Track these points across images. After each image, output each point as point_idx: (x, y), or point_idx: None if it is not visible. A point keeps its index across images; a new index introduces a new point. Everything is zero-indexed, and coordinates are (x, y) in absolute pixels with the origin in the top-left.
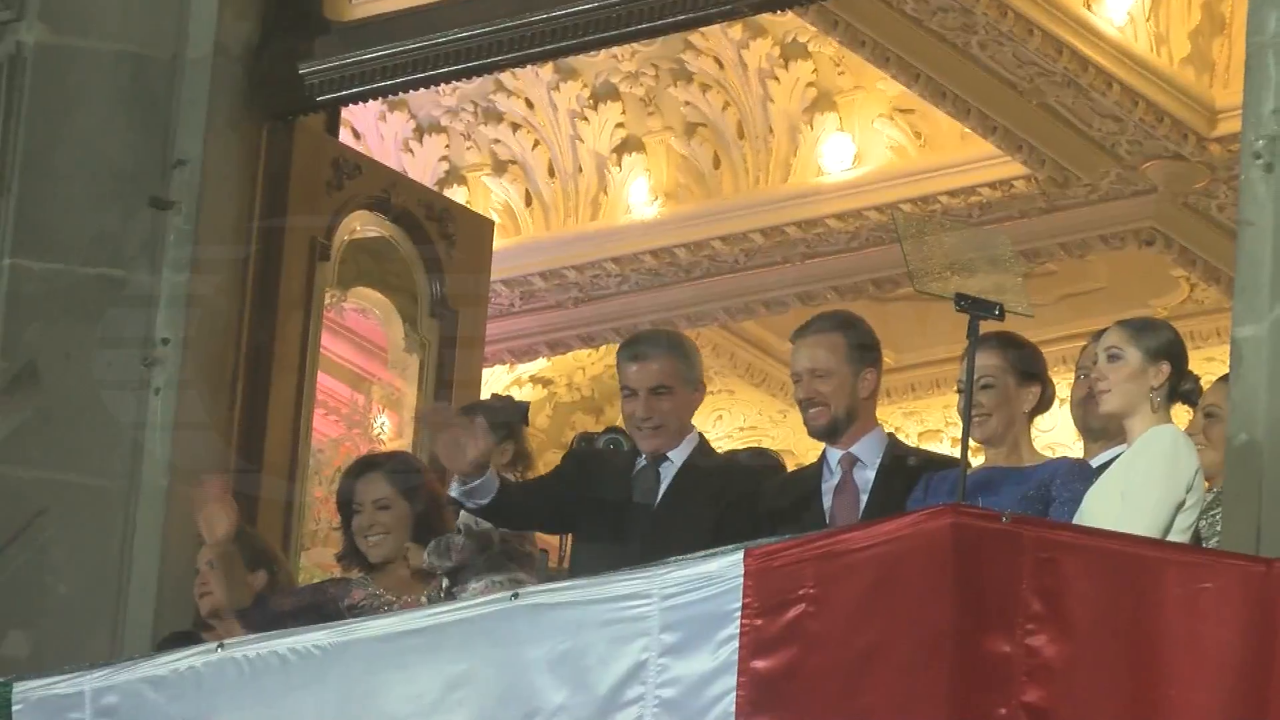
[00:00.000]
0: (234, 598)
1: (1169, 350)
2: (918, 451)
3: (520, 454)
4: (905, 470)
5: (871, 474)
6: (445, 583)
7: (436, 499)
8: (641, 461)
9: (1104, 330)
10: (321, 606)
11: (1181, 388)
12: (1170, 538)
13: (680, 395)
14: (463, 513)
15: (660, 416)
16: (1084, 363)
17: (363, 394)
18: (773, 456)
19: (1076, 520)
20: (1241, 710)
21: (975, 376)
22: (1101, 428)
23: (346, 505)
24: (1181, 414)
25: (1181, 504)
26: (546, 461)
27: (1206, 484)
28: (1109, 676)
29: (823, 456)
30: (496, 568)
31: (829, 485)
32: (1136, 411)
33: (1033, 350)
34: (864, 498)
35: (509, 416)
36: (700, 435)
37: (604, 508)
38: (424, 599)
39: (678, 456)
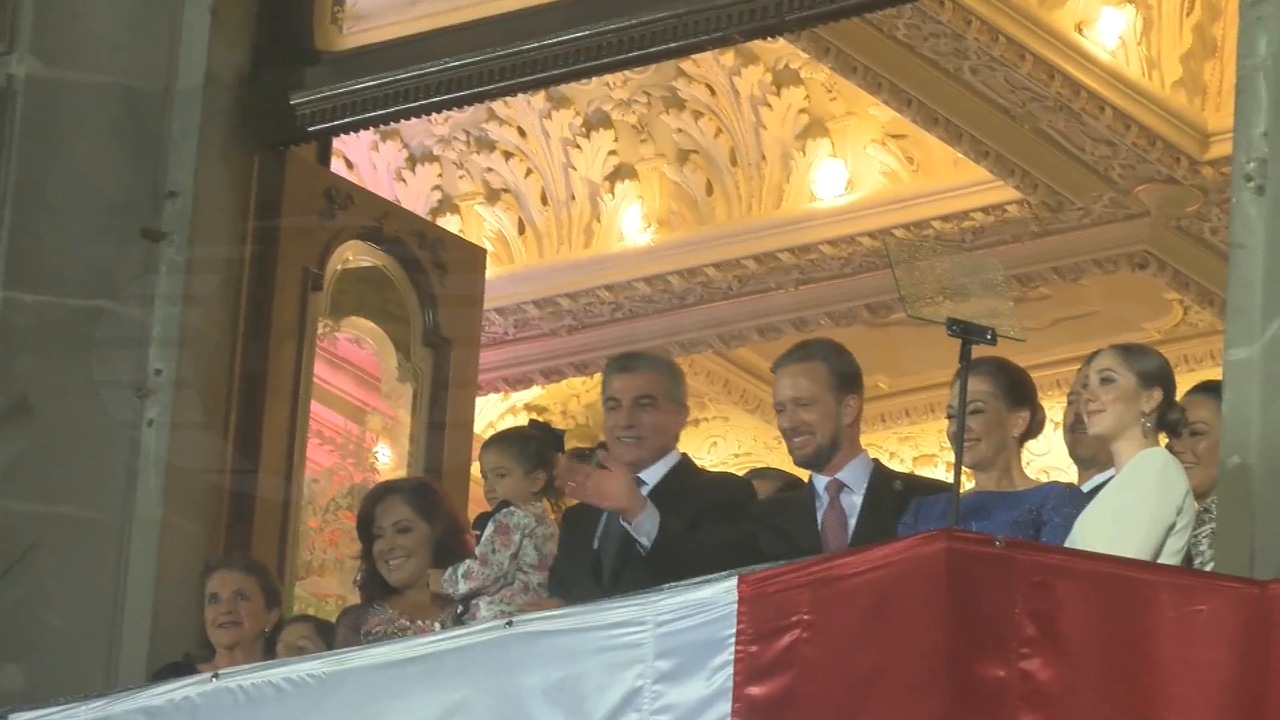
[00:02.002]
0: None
1: (1161, 376)
2: (903, 476)
3: (551, 482)
4: (892, 494)
5: (858, 499)
6: (459, 609)
7: (455, 523)
8: None
9: (1095, 353)
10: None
11: (1168, 416)
12: (1161, 560)
13: (664, 410)
14: (481, 539)
15: (641, 429)
16: (1075, 388)
17: (357, 424)
18: (772, 473)
19: (1068, 544)
20: None
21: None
22: (1090, 456)
23: (366, 530)
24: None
25: (1172, 526)
26: None
27: (1195, 503)
28: (1103, 699)
29: (810, 483)
30: (510, 596)
31: (818, 511)
32: (1126, 435)
33: (1022, 375)
34: (852, 522)
35: (542, 444)
36: (683, 456)
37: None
38: (437, 626)
39: (651, 477)
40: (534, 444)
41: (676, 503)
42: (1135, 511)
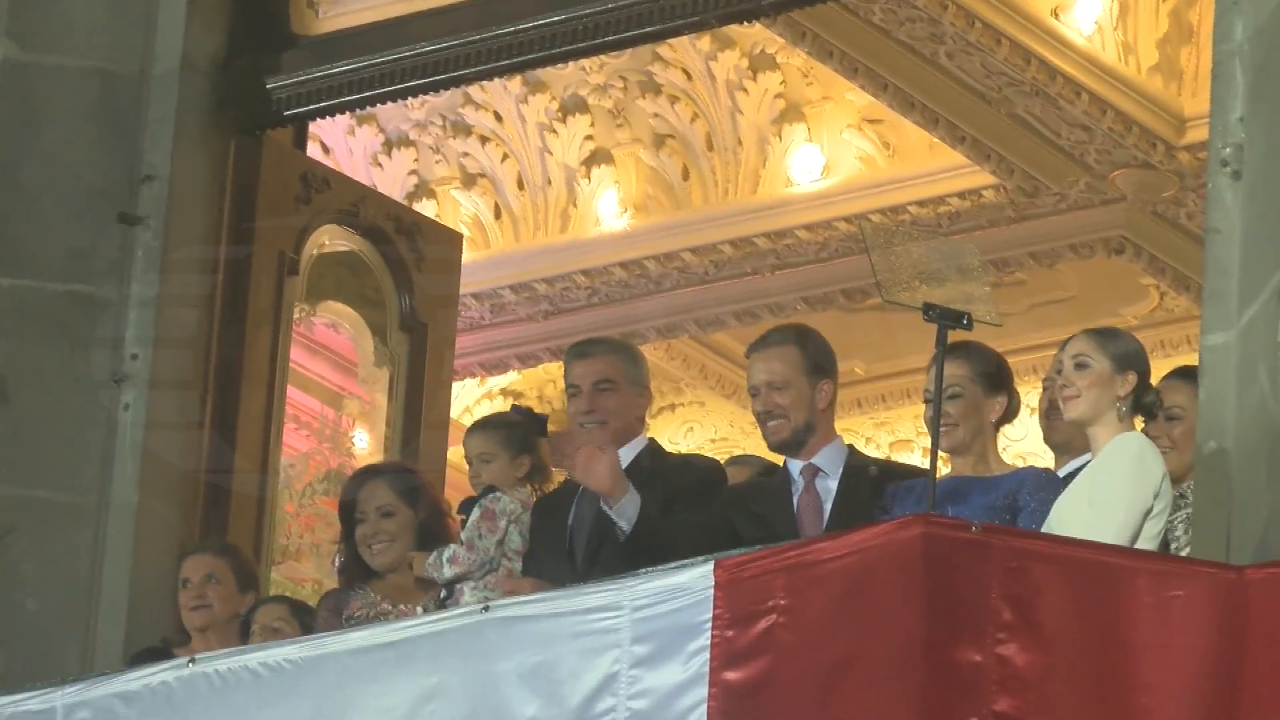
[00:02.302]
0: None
1: (1136, 360)
2: (878, 461)
3: (537, 467)
4: (868, 479)
5: (833, 484)
6: (443, 594)
7: (438, 507)
8: None
9: (1070, 339)
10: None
11: (1144, 399)
12: (1139, 545)
13: (625, 393)
14: (466, 524)
15: (603, 413)
16: (1050, 374)
17: (334, 409)
18: (750, 460)
19: (1045, 529)
20: (1212, 716)
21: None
22: (1065, 441)
23: (349, 514)
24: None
25: (1149, 510)
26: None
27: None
28: (1080, 685)
29: (784, 468)
30: (494, 583)
31: (793, 496)
32: (1101, 420)
33: (999, 360)
34: (827, 507)
35: (527, 430)
36: (651, 440)
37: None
38: (419, 610)
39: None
40: (519, 429)
41: (646, 485)
42: (1112, 496)
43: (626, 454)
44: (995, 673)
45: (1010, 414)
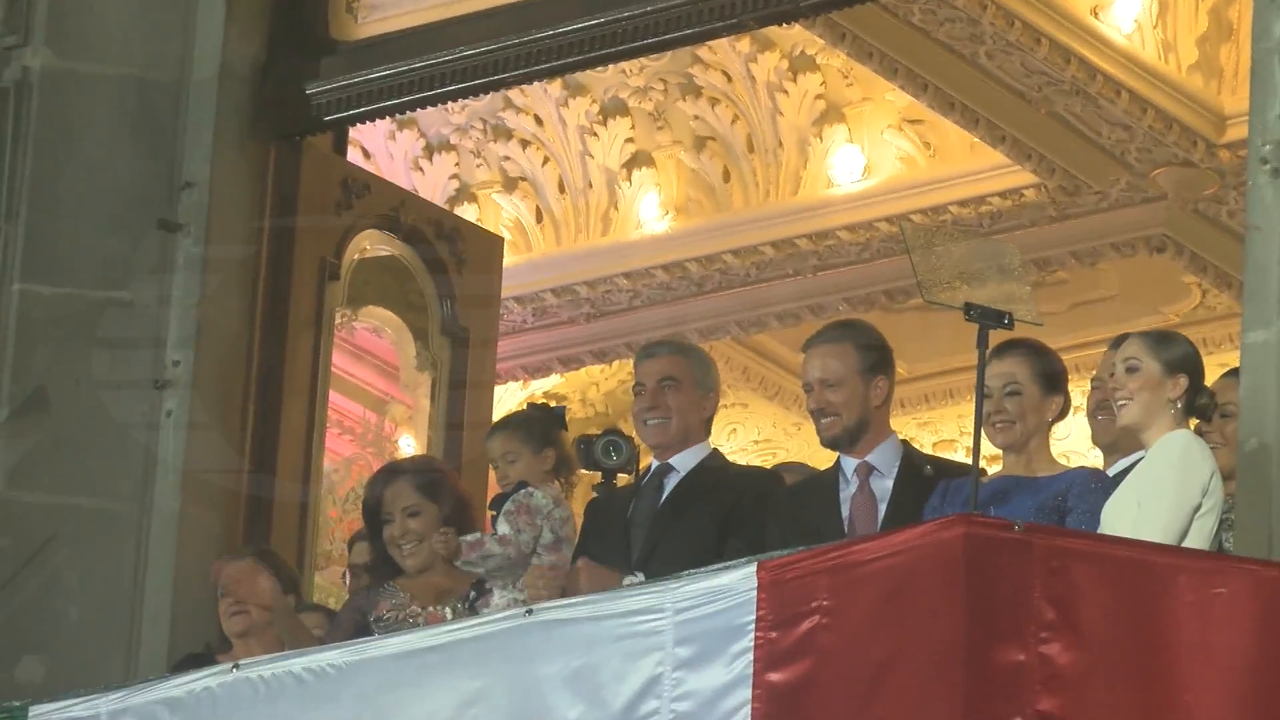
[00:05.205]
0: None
1: (1187, 363)
2: (934, 459)
3: (562, 460)
4: (922, 478)
5: (889, 483)
6: (472, 594)
7: (462, 498)
8: (652, 469)
9: (1122, 338)
10: (364, 629)
11: (1197, 402)
12: (1189, 543)
13: (688, 392)
14: (499, 519)
15: (665, 410)
16: (1100, 375)
17: (377, 414)
18: (797, 467)
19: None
20: (1255, 715)
21: (1002, 383)
22: (1113, 441)
23: (375, 515)
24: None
25: (1198, 508)
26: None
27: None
28: (1122, 683)
29: (837, 465)
30: (523, 583)
31: (845, 494)
32: (1155, 423)
33: (1058, 360)
34: (882, 507)
35: (546, 424)
36: (715, 450)
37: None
38: (447, 612)
39: (683, 464)
40: (538, 424)
41: (708, 495)
42: (1159, 495)
43: (689, 459)
44: (1038, 672)
45: (1063, 415)
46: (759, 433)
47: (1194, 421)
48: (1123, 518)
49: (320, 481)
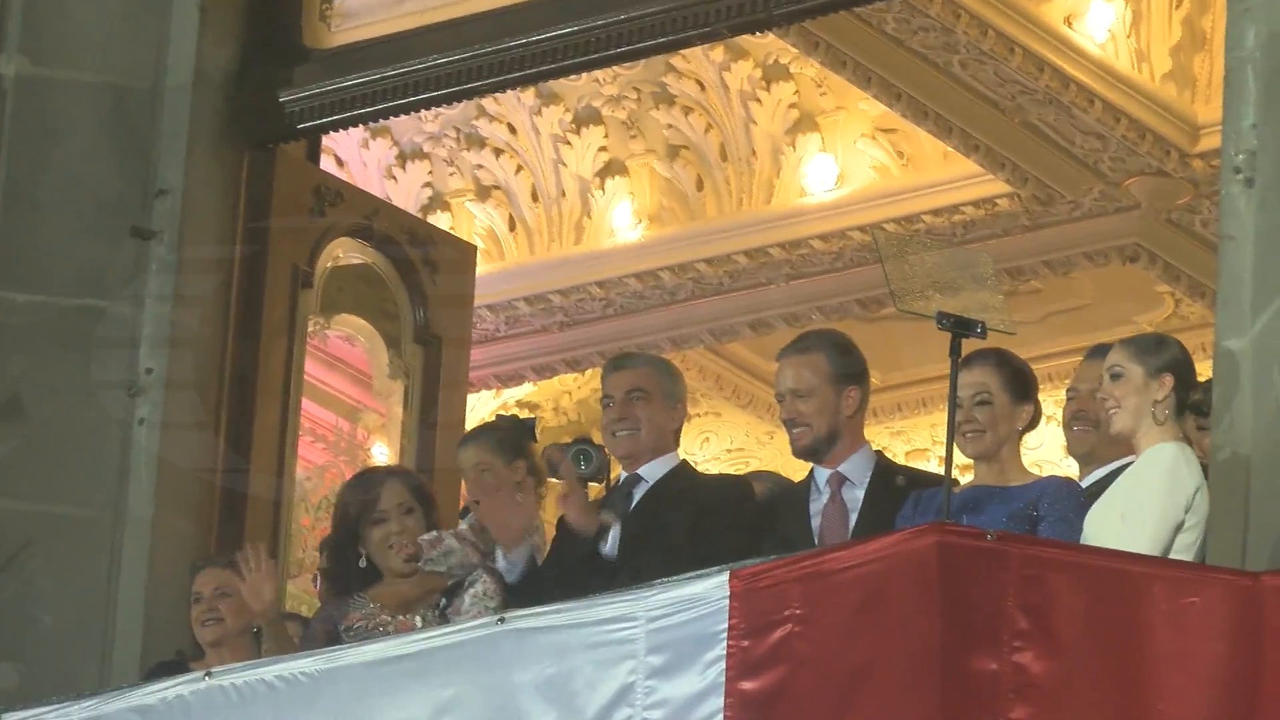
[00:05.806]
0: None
1: (1171, 363)
2: (906, 469)
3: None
4: (894, 488)
5: (861, 492)
6: (441, 601)
7: (435, 503)
8: (621, 480)
9: (1098, 348)
10: (335, 639)
11: (1191, 399)
12: (1174, 556)
13: (657, 404)
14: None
15: (634, 422)
16: (1075, 384)
17: (349, 422)
18: (768, 476)
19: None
20: None
21: (972, 393)
22: (1088, 452)
23: (353, 520)
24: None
25: (1181, 524)
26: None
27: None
28: (1097, 692)
29: (810, 476)
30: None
31: (817, 505)
32: (1141, 426)
33: (1026, 369)
34: (853, 516)
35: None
36: (684, 461)
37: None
38: (418, 620)
39: (651, 474)
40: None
41: (676, 503)
42: (1143, 509)
43: (657, 468)
44: (1011, 681)
45: (1033, 423)
46: (732, 441)
47: (1191, 420)
48: (1106, 530)
49: (293, 489)
